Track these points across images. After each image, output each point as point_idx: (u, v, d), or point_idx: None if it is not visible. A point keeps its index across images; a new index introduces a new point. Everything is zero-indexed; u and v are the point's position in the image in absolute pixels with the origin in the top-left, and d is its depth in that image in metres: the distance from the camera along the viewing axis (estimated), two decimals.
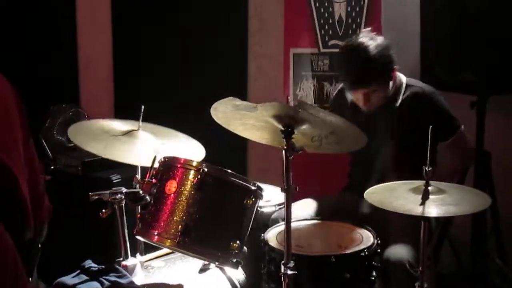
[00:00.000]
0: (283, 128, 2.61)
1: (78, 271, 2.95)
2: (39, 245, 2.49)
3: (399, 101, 3.47)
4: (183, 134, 3.34)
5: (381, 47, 3.36)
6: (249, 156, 4.97)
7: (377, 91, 3.40)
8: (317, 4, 4.54)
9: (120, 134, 3.19)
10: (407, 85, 3.51)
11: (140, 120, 3.20)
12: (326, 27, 4.54)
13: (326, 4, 4.53)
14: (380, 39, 3.42)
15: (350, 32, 4.47)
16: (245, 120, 2.77)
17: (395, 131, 3.44)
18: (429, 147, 2.64)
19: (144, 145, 3.17)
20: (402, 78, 3.55)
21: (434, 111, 3.45)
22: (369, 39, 3.38)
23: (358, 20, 4.47)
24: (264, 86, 4.90)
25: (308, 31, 4.60)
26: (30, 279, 2.44)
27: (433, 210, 2.55)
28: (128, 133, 3.19)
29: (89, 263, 2.97)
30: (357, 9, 4.46)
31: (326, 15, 4.53)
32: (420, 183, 2.66)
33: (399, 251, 3.10)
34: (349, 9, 4.49)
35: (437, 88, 3.84)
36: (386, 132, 3.41)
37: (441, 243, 4.07)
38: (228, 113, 2.77)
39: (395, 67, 3.45)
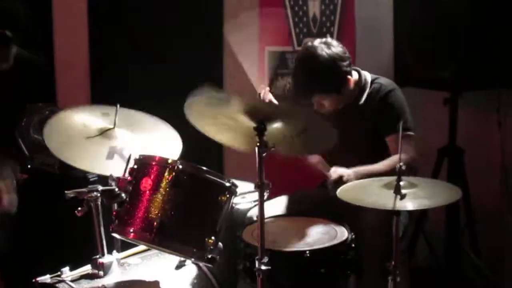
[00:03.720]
0: (255, 125, 2.63)
1: None
2: None
3: (363, 99, 3.49)
4: (160, 121, 3.31)
5: (329, 60, 3.33)
6: (225, 153, 4.98)
7: (327, 99, 3.42)
8: (292, 2, 4.56)
9: (95, 134, 3.17)
10: (371, 83, 3.52)
11: (115, 119, 3.19)
12: (301, 25, 4.56)
13: (300, 2, 4.55)
14: (333, 49, 3.37)
15: (324, 30, 4.50)
16: (218, 119, 2.79)
17: (360, 128, 3.47)
18: (400, 141, 2.67)
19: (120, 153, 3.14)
20: (367, 76, 3.54)
21: (385, 105, 3.44)
22: (320, 50, 3.34)
23: (332, 18, 4.50)
24: (240, 84, 4.91)
25: (283, 29, 4.62)
26: None
27: (406, 204, 2.58)
28: (103, 133, 3.18)
29: None
30: (331, 7, 4.49)
31: (301, 13, 4.55)
32: (391, 179, 2.69)
33: (371, 245, 3.13)
34: (323, 7, 4.51)
35: (410, 85, 3.88)
36: (352, 130, 3.43)
37: (416, 238, 4.12)
38: (201, 111, 2.78)
39: (348, 77, 3.42)
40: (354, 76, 3.51)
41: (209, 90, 2.66)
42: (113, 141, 3.15)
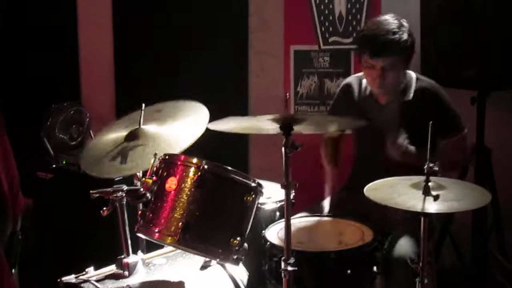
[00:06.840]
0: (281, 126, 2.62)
1: None
2: (19, 237, 2.49)
3: (411, 94, 3.47)
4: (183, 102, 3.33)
5: (406, 26, 3.36)
6: (251, 153, 4.97)
7: (394, 69, 3.35)
8: (317, 1, 4.55)
9: (123, 141, 3.16)
10: (417, 79, 3.51)
11: (141, 120, 3.17)
12: (327, 23, 4.55)
13: (326, 1, 4.54)
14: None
15: (350, 29, 4.48)
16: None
17: (405, 125, 3.42)
18: (428, 143, 2.64)
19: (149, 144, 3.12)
20: (412, 73, 3.53)
21: (440, 107, 3.44)
22: (396, 18, 3.38)
23: (358, 16, 4.48)
24: (265, 83, 4.90)
25: (309, 28, 4.61)
26: (13, 270, 2.43)
27: (434, 206, 2.55)
28: (130, 136, 3.17)
29: None
30: (357, 5, 4.47)
31: (327, 12, 4.54)
32: (420, 179, 2.66)
33: (400, 247, 3.10)
34: (349, 5, 4.49)
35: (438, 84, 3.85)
36: (397, 125, 3.39)
37: (443, 239, 4.07)
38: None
39: (415, 50, 3.45)
40: None
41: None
42: (140, 141, 3.13)
